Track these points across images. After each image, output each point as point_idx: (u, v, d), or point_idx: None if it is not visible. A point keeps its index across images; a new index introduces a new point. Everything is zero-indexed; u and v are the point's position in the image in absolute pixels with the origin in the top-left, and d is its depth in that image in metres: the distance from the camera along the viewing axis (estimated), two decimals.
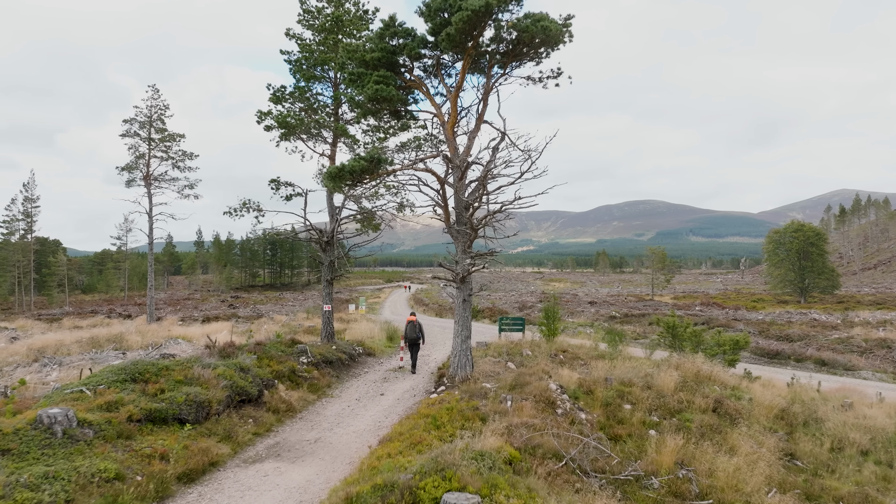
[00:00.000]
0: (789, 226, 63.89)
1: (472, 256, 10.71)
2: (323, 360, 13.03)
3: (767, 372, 15.41)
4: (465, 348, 10.96)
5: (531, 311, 39.01)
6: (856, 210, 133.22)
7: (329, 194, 15.52)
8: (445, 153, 10.94)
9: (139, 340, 18.46)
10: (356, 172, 8.90)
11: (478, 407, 9.18)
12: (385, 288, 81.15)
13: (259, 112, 14.28)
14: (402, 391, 11.89)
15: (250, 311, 43.18)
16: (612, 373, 11.46)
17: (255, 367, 10.54)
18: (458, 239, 10.99)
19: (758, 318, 33.31)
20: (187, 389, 8.34)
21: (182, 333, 22.48)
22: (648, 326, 28.79)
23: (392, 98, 10.39)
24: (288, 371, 11.22)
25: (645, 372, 11.52)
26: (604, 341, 19.04)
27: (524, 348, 15.09)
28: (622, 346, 16.09)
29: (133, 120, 29.10)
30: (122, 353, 12.35)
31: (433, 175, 10.69)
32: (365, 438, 8.71)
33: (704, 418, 9.89)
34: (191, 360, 9.38)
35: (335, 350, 14.31)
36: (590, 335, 23.61)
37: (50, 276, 66.52)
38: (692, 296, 67.34)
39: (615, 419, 9.81)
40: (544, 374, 10.94)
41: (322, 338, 15.39)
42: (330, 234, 15.07)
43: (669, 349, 14.99)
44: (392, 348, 18.61)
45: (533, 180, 10.60)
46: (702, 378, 11.95)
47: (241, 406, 9.30)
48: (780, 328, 27.04)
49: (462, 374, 10.82)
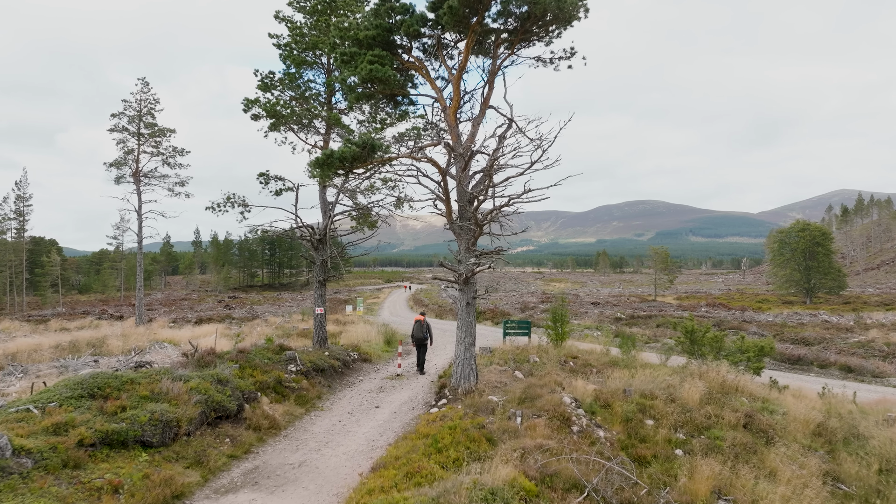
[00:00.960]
0: (795, 225, 62.90)
1: (476, 255, 9.67)
2: (313, 368, 11.98)
3: (792, 379, 14.38)
4: (469, 357, 9.91)
5: (533, 313, 37.95)
6: (858, 210, 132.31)
7: (322, 189, 14.47)
8: (447, 141, 9.90)
9: (120, 345, 17.41)
10: (347, 160, 7.87)
11: (484, 425, 8.13)
12: (384, 288, 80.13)
13: (246, 100, 13.23)
14: (399, 403, 10.85)
15: (245, 313, 42.13)
16: (630, 383, 10.42)
17: (235, 377, 9.49)
18: (461, 236, 9.95)
19: (767, 320, 32.28)
20: (153, 407, 7.29)
21: (169, 337, 21.43)
22: (657, 329, 27.77)
23: (388, 79, 9.34)
24: (273, 382, 10.17)
25: (667, 382, 10.48)
26: (615, 346, 18.02)
27: (531, 354, 14.05)
28: (635, 352, 15.07)
29: (122, 114, 28.05)
30: (94, 360, 11.34)
31: (433, 165, 9.65)
32: (356, 462, 7.66)
33: (736, 436, 8.85)
34: (160, 371, 8.34)
35: (327, 356, 13.27)
36: (597, 338, 22.57)
37: (43, 276, 65.42)
38: (695, 296, 66.37)
39: (637, 437, 8.77)
40: (556, 385, 9.89)
41: (314, 343, 14.34)
42: (322, 231, 14.02)
43: (687, 355, 13.95)
44: (390, 353, 17.56)
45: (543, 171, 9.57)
46: (727, 389, 10.91)
47: (217, 423, 8.26)
48: (793, 330, 26.01)
49: (466, 386, 9.78)
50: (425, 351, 13.74)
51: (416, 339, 13.48)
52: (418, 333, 13.40)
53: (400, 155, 8.90)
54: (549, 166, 9.58)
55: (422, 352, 13.67)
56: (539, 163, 9.60)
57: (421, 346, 13.57)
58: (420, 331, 13.41)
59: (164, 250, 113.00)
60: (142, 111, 28.38)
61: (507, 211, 9.66)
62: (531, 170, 9.47)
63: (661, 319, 29.91)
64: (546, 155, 9.62)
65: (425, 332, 13.46)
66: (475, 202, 9.87)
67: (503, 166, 9.79)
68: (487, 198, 9.62)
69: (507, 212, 9.67)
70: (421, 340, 13.48)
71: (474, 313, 10.05)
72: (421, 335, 13.43)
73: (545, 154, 9.19)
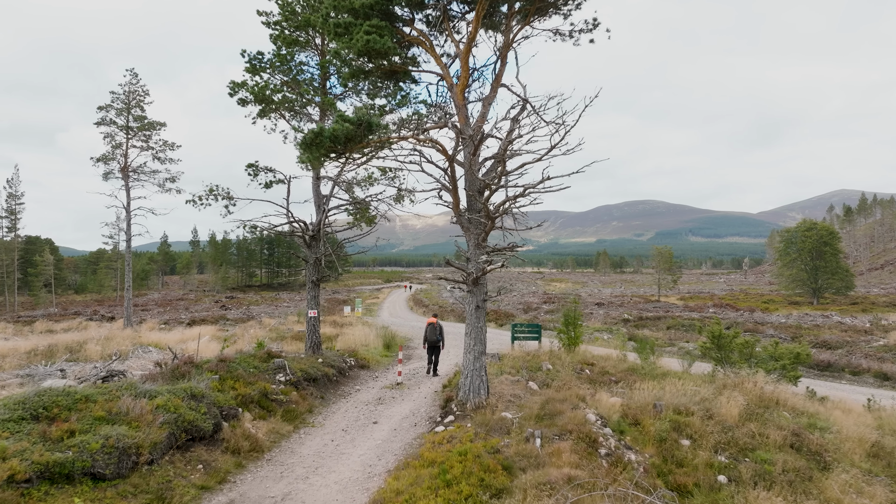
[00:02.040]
0: (801, 224, 61.86)
1: (487, 252, 8.53)
2: (305, 378, 10.83)
3: (827, 388, 13.24)
4: (479, 367, 8.76)
5: (537, 314, 36.80)
6: (862, 209, 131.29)
7: (315, 182, 13.31)
8: (454, 123, 8.75)
9: (99, 350, 16.24)
10: (339, 140, 6.74)
11: (499, 449, 6.99)
12: (384, 288, 79.05)
13: (232, 83, 12.07)
14: (399, 418, 9.70)
15: (241, 314, 41.00)
16: (659, 396, 9.27)
17: (214, 391, 8.34)
18: (470, 230, 8.80)
19: (780, 322, 31.16)
20: (108, 430, 6.14)
21: (156, 340, 20.27)
22: (668, 331, 26.65)
23: (387, 52, 8.20)
24: (258, 395, 9.01)
25: (700, 395, 9.34)
26: (630, 350, 16.88)
27: (543, 361, 12.90)
28: (654, 358, 13.94)
29: (109, 106, 26.85)
30: (61, 369, 10.21)
31: (439, 149, 8.50)
32: (350, 494, 6.51)
33: (787, 460, 7.71)
34: (122, 386, 7.18)
35: (321, 363, 12.11)
36: (609, 342, 21.43)
37: (36, 275, 64.18)
38: (699, 296, 65.37)
39: (673, 461, 7.63)
40: (578, 399, 8.74)
41: (307, 348, 13.17)
42: (316, 227, 12.87)
43: (714, 362, 12.82)
44: (389, 358, 16.40)
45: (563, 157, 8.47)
46: (766, 402, 9.77)
47: (189, 447, 7.10)
48: (810, 333, 24.91)
49: (475, 400, 8.63)
50: (438, 353, 13.51)
51: (429, 342, 13.21)
52: (431, 336, 13.13)
53: (400, 137, 7.75)
54: (569, 152, 8.44)
55: (435, 354, 13.43)
56: (558, 147, 8.44)
57: (434, 348, 13.31)
58: (433, 333, 13.14)
59: (161, 250, 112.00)
60: (130, 103, 27.19)
61: (523, 202, 8.52)
62: (550, 155, 8.32)
63: (672, 321, 28.79)
64: (564, 140, 8.46)
65: (438, 335, 13.19)
66: (486, 192, 8.72)
67: (517, 152, 8.65)
68: (500, 187, 8.48)
69: (523, 203, 8.52)
70: (434, 343, 13.21)
71: (485, 318, 8.90)
72: (434, 338, 13.17)
73: (566, 137, 8.03)
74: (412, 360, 16.33)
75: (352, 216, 14.50)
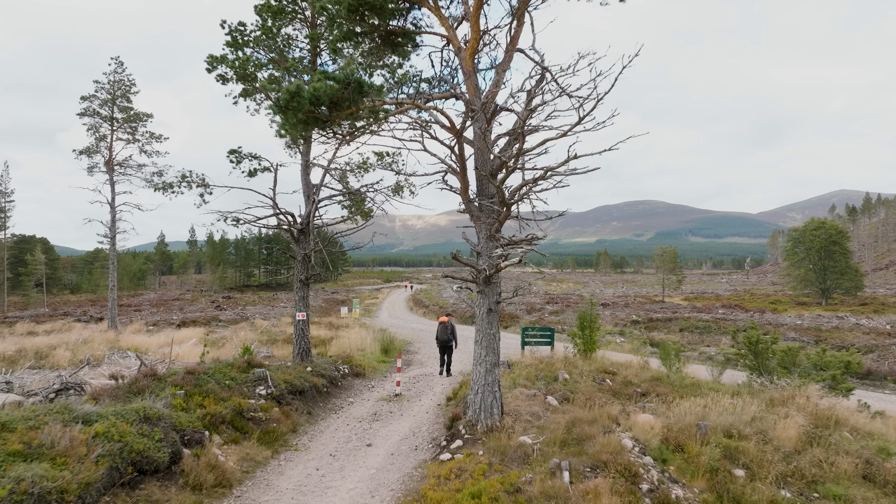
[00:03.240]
0: (809, 223, 60.65)
1: (502, 245, 7.18)
2: (289, 391, 9.47)
3: (875, 400, 11.89)
4: (492, 381, 7.42)
5: (542, 315, 35.46)
6: (866, 209, 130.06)
7: (304, 169, 11.96)
8: (462, 92, 7.40)
9: (69, 356, 14.88)
10: (322, 101, 5.40)
11: (519, 487, 5.64)
12: (383, 288, 77.82)
13: (210, 57, 10.72)
14: (398, 438, 8.35)
15: (235, 314, 39.64)
16: (703, 415, 7.92)
17: (177, 410, 7.00)
18: (481, 220, 7.46)
19: (795, 323, 29.85)
20: (22, 471, 4.79)
21: (139, 343, 18.91)
22: (681, 333, 25.32)
23: (382, 8, 6.85)
24: (231, 413, 7.66)
25: (749, 413, 8.00)
26: (648, 355, 15.54)
27: (559, 369, 11.56)
28: (679, 365, 12.61)
29: (93, 97, 25.47)
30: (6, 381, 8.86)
31: (444, 122, 7.15)
32: None
33: (867, 496, 6.39)
34: (52, 410, 5.82)
35: (310, 373, 10.76)
36: (622, 345, 20.10)
37: (27, 275, 62.74)
38: (703, 297, 64.19)
39: (730, 498, 6.28)
40: (609, 420, 7.39)
41: (294, 355, 11.82)
42: (305, 219, 11.53)
43: (748, 371, 11.49)
44: (387, 364, 15.06)
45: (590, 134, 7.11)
46: (822, 420, 8.42)
47: (137, 483, 5.75)
48: (832, 336, 23.58)
49: (488, 421, 7.28)
50: (451, 353, 13.43)
51: (440, 342, 13.15)
52: (442, 335, 13.06)
53: (399, 103, 6.36)
54: (599, 126, 7.08)
55: (448, 354, 13.37)
56: (584, 124, 7.07)
57: (445, 348, 13.23)
58: (444, 332, 13.03)
59: (158, 249, 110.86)
60: (115, 93, 25.82)
61: (544, 185, 7.17)
62: (577, 129, 6.96)
63: (684, 323, 27.45)
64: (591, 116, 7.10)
65: (449, 335, 13.07)
66: (500, 174, 7.38)
67: (537, 127, 7.30)
68: (516, 168, 7.12)
69: (544, 187, 7.18)
70: (445, 342, 13.13)
71: (498, 323, 7.55)
72: (445, 337, 13.06)
73: (597, 107, 6.67)
74: (412, 367, 15.00)
75: (346, 209, 13.16)
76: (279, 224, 11.42)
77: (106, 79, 25.90)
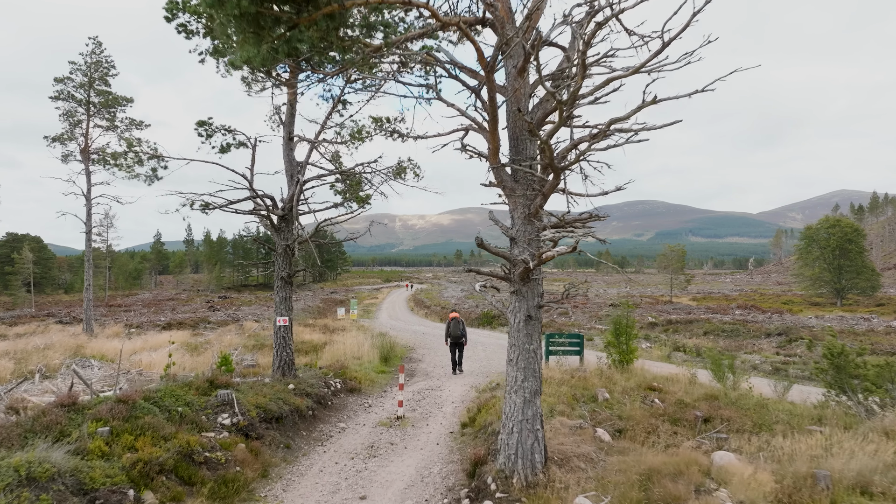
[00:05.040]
0: (824, 221, 58.74)
1: (552, 225, 5.14)
2: (263, 418, 7.43)
3: None
4: (532, 416, 5.37)
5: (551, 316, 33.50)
6: (873, 208, 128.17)
7: (287, 144, 9.90)
8: (494, 13, 5.34)
9: (11, 368, 12.82)
10: None
11: None
12: (383, 288, 75.85)
13: (169, 2, 8.69)
14: (402, 486, 6.30)
15: (227, 315, 37.58)
16: (819, 462, 5.88)
17: (91, 459, 4.96)
18: (517, 193, 5.43)
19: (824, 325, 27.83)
20: None
21: (106, 350, 16.86)
22: (704, 337, 23.31)
23: None
24: (175, 457, 5.61)
25: (881, 458, 5.96)
26: (684, 363, 13.52)
27: (595, 385, 9.52)
28: (734, 378, 10.59)
29: (68, 79, 23.39)
30: None
31: (470, 48, 5.12)
32: None
33: None
34: None
35: (291, 392, 8.72)
36: (649, 351, 18.06)
37: (13, 274, 60.60)
38: (712, 297, 62.32)
39: None
40: (700, 472, 5.33)
41: (274, 369, 9.75)
42: (287, 204, 9.50)
43: (827, 388, 9.46)
44: (387, 376, 13.02)
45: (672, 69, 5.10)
46: None
47: None
48: (873, 340, 21.59)
49: (527, 473, 5.24)
50: (462, 349, 13.29)
51: (453, 337, 13.03)
52: (455, 331, 12.98)
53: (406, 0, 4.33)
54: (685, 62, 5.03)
55: (459, 350, 13.19)
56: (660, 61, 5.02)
57: (457, 344, 13.07)
58: (457, 328, 12.98)
59: (154, 248, 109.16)
60: (92, 76, 23.75)
61: (616, 140, 5.10)
62: (655, 63, 4.90)
63: (708, 325, 25.40)
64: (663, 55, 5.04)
65: (461, 330, 13.02)
66: (544, 129, 5.34)
67: (599, 60, 5.26)
68: (569, 118, 5.06)
69: (615, 142, 5.11)
70: (457, 339, 13.02)
71: (539, 335, 5.51)
72: (458, 332, 12.98)
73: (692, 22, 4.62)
74: (416, 378, 12.96)
75: (339, 194, 11.11)
76: (255, 208, 9.37)
77: (82, 59, 23.84)
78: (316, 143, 9.75)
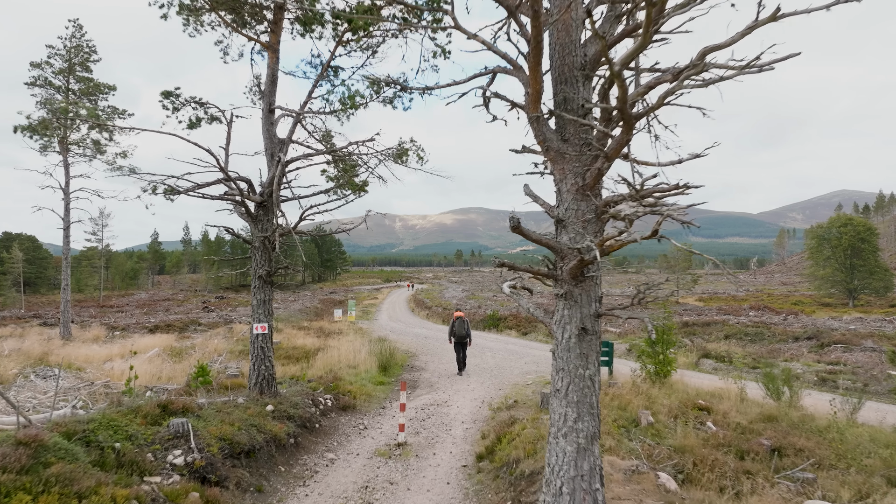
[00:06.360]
0: (835, 220, 57.32)
1: (623, 198, 3.60)
2: (228, 454, 5.87)
3: None
4: (589, 472, 3.79)
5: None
6: (879, 207, 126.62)
7: (267, 117, 8.35)
8: None
9: None
10: None
11: None
12: (383, 288, 74.39)
13: None
14: None
15: (220, 317, 35.99)
16: None
17: None
18: (567, 157, 3.87)
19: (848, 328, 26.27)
20: None
21: (76, 356, 15.30)
22: (726, 341, 21.77)
23: None
24: None
25: None
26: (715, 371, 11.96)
27: (633, 404, 7.97)
28: (793, 395, 9.04)
29: (45, 64, 21.81)
30: None
31: None
32: None
33: None
34: None
35: (270, 414, 7.16)
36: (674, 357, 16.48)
37: (3, 274, 58.96)
38: (718, 297, 60.93)
39: None
40: None
41: (251, 386, 8.15)
42: (266, 188, 7.96)
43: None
44: (386, 388, 11.45)
45: None
46: None
47: None
48: None
49: None
50: (466, 348, 13.17)
51: (457, 336, 13.02)
52: (460, 330, 12.98)
53: None
54: None
55: (463, 350, 13.10)
56: None
57: (461, 344, 13.03)
58: (463, 328, 12.99)
59: (151, 248, 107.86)
60: (73, 61, 22.16)
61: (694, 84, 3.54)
62: None
63: (728, 328, 23.82)
64: None
65: (467, 329, 13.02)
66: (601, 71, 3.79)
67: None
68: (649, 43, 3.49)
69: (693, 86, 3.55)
70: (462, 338, 12.99)
71: (598, 356, 3.95)
72: (462, 332, 12.96)
73: None
74: (419, 390, 11.39)
75: (331, 180, 9.54)
76: (228, 193, 7.81)
77: (62, 44, 22.26)
78: (301, 115, 8.20)
